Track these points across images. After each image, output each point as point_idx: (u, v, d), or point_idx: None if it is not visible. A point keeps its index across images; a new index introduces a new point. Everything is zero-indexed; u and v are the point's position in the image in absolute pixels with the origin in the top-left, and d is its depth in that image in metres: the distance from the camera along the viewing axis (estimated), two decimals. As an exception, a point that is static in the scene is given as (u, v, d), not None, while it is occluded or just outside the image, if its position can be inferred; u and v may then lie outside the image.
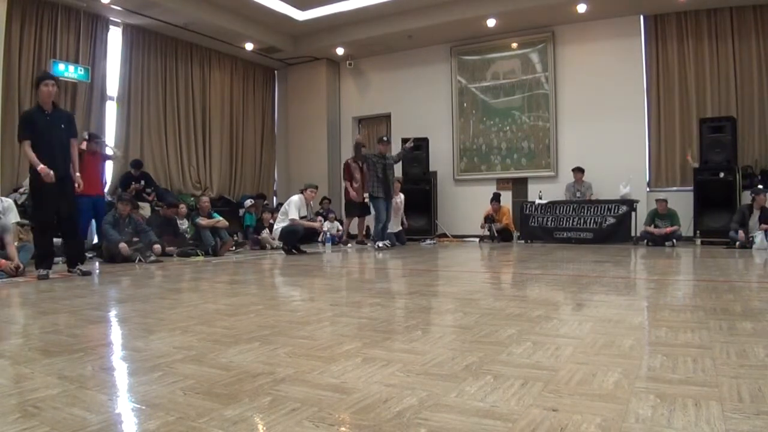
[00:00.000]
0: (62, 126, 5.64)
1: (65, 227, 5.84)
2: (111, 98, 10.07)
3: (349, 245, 9.86)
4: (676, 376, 1.86)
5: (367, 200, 10.10)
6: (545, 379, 1.85)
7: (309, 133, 13.37)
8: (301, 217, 8.42)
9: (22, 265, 5.69)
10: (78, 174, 5.80)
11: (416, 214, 11.40)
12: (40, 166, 5.33)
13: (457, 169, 11.93)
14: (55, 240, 6.67)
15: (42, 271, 5.38)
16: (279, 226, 8.51)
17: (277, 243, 9.02)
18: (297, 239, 8.38)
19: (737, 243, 8.15)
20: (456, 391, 1.76)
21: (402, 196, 10.58)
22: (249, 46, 11.90)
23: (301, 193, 8.75)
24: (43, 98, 5.49)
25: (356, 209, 10.24)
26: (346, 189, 10.29)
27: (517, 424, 1.46)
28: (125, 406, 1.70)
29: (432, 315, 3.34)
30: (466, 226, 11.47)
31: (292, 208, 8.33)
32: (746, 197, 8.66)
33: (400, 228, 10.51)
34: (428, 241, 10.82)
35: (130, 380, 2.01)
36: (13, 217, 6.18)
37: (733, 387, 1.73)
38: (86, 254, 6.53)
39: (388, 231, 9.94)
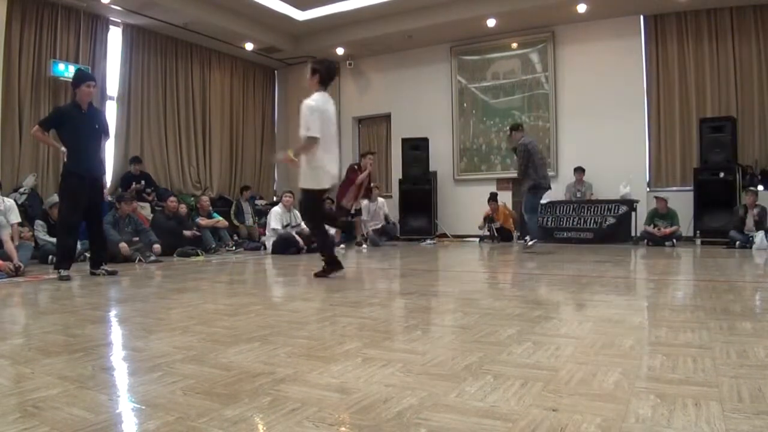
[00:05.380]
0: (96, 126, 5.65)
1: (94, 229, 5.81)
2: (111, 98, 10.06)
3: (342, 246, 9.74)
4: (676, 376, 1.86)
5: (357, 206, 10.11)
6: (545, 379, 1.86)
7: (309, 133, 13.33)
8: (285, 226, 8.41)
9: (21, 265, 5.68)
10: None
11: (416, 214, 11.41)
12: (62, 149, 5.44)
13: (457, 169, 11.92)
14: (49, 239, 6.67)
15: (63, 272, 5.31)
16: (269, 242, 8.54)
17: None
18: (290, 247, 8.34)
19: (737, 243, 8.17)
20: (456, 391, 1.76)
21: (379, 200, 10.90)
22: (249, 46, 11.89)
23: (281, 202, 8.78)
24: (83, 98, 5.51)
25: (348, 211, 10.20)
26: (341, 191, 10.06)
27: (517, 424, 1.46)
28: (125, 406, 1.70)
29: (432, 315, 3.35)
30: (466, 226, 11.46)
31: (272, 220, 8.36)
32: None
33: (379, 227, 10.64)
34: (428, 241, 10.82)
35: (130, 380, 2.01)
36: (14, 217, 6.18)
37: (733, 387, 1.73)
38: (86, 254, 6.51)
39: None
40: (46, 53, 8.86)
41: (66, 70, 8.87)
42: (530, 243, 8.09)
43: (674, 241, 8.88)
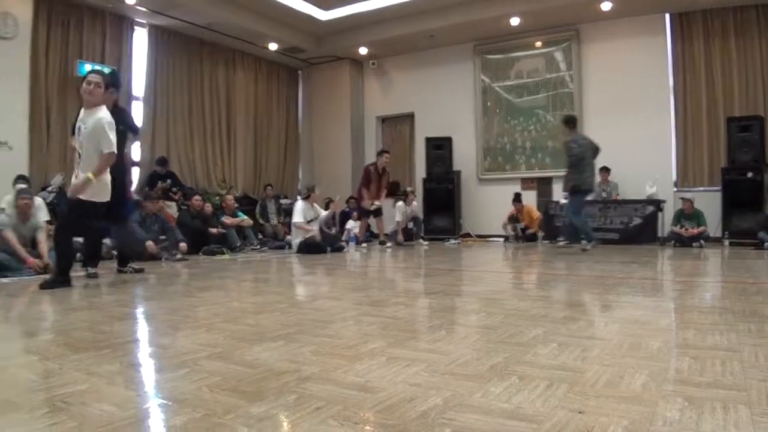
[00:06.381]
0: (119, 127, 5.60)
1: (119, 227, 5.83)
2: (137, 98, 10.19)
3: (364, 245, 9.88)
4: (704, 379, 1.84)
5: (377, 204, 10.07)
6: (571, 381, 1.84)
7: (333, 133, 13.41)
8: (309, 221, 8.45)
9: (50, 263, 5.76)
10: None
11: (440, 214, 11.40)
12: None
13: (481, 168, 11.87)
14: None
15: (90, 270, 5.35)
16: (296, 240, 8.54)
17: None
18: (317, 248, 8.31)
19: (766, 244, 8.00)
20: (481, 391, 1.75)
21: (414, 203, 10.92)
22: (273, 46, 11.96)
23: (305, 198, 8.76)
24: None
25: (369, 211, 10.21)
26: (360, 193, 10.15)
27: (543, 426, 1.45)
28: (152, 402, 1.72)
29: (456, 315, 3.34)
30: (490, 225, 11.39)
31: (296, 213, 8.42)
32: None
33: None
34: (452, 241, 10.79)
35: (157, 377, 2.03)
36: (43, 216, 6.27)
37: (762, 390, 1.70)
38: (113, 252, 6.60)
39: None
40: (73, 54, 8.99)
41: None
42: (589, 246, 7.83)
43: (702, 242, 8.73)
